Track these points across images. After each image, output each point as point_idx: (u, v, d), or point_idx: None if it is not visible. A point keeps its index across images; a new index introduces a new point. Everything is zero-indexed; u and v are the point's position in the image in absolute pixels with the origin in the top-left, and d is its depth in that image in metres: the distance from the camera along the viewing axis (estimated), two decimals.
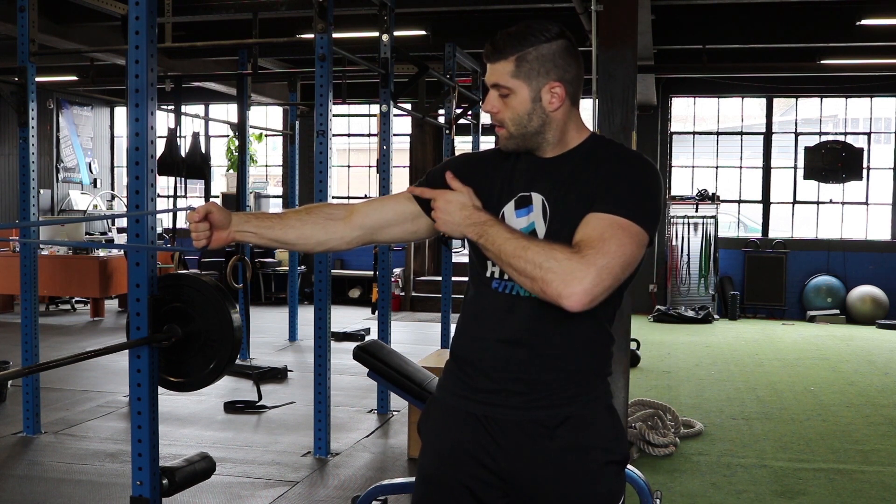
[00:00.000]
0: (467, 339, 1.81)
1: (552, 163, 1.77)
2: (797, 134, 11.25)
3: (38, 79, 4.87)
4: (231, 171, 11.80)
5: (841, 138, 10.99)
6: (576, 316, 1.60)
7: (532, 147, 1.76)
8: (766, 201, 11.39)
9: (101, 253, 9.87)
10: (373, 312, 9.75)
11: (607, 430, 1.75)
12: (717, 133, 11.50)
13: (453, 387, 1.82)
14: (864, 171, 10.79)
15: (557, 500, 1.72)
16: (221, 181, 12.50)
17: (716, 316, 10.65)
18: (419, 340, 8.48)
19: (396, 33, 5.53)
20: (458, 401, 1.79)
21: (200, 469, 3.20)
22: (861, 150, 10.70)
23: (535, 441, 1.72)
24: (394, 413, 5.53)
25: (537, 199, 1.74)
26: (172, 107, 6.62)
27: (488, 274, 1.77)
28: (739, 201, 11.57)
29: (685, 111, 11.73)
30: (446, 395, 1.83)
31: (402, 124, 11.72)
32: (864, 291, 10.52)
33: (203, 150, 6.95)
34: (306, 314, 7.74)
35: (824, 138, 10.99)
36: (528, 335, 1.72)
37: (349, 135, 12.61)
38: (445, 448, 1.80)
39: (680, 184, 11.56)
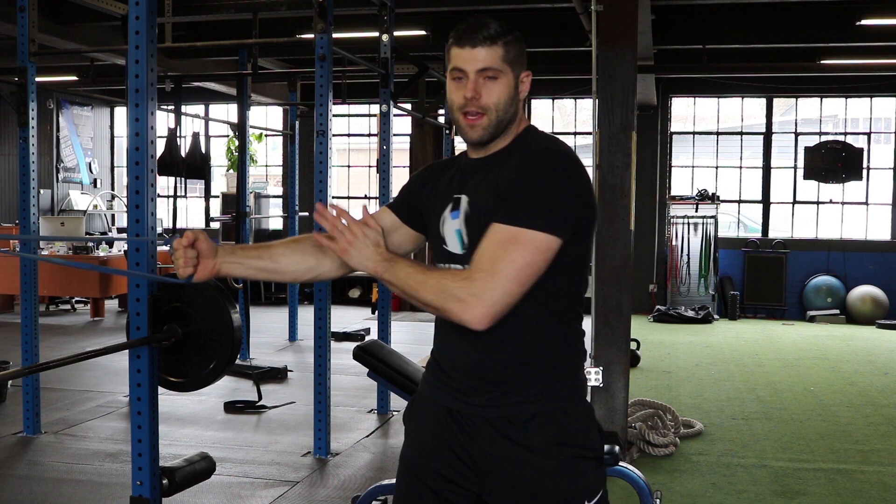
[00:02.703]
0: (438, 336, 1.86)
1: (486, 162, 1.79)
2: (797, 134, 11.25)
3: (38, 79, 4.87)
4: (231, 171, 11.80)
5: (841, 138, 10.99)
6: (523, 310, 1.65)
7: (496, 138, 1.76)
8: (766, 201, 11.38)
9: (101, 252, 9.87)
10: (373, 312, 9.76)
11: (577, 426, 1.74)
12: (717, 133, 11.49)
13: (431, 379, 1.85)
14: (864, 171, 10.78)
15: (527, 496, 1.72)
16: (221, 181, 12.50)
17: (716, 316, 10.65)
18: (419, 340, 8.48)
19: (396, 33, 5.53)
20: (435, 393, 1.83)
21: (200, 469, 3.20)
22: (861, 150, 10.70)
23: (504, 437, 1.72)
24: (394, 413, 5.53)
25: (464, 200, 1.77)
26: (172, 107, 6.62)
27: None
28: (739, 201, 11.57)
29: (685, 111, 11.73)
30: (425, 388, 1.88)
31: (402, 124, 11.72)
32: (864, 291, 10.52)
33: (203, 150, 6.95)
34: (306, 314, 7.74)
35: (824, 138, 10.99)
36: (478, 333, 1.67)
37: (349, 135, 12.61)
38: (424, 438, 1.83)
39: (680, 184, 11.56)
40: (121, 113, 13.16)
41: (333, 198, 4.87)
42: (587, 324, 2.66)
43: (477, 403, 1.74)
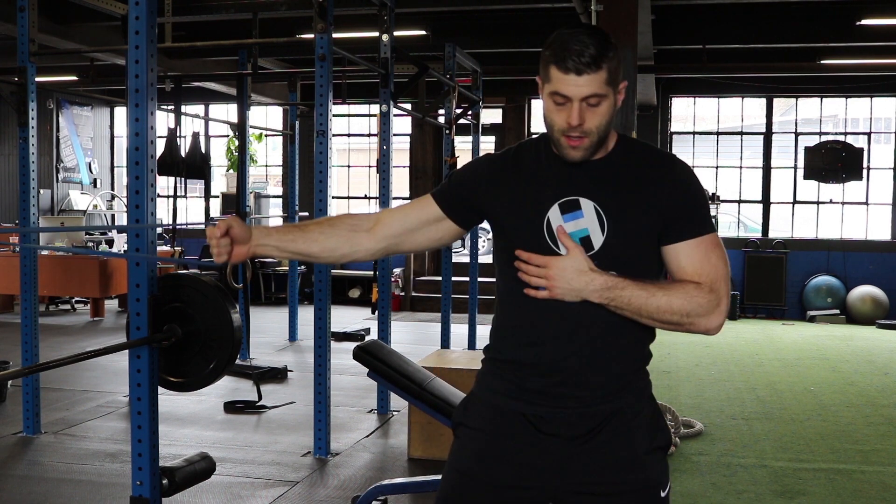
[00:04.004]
0: (515, 342, 1.81)
1: (594, 166, 1.77)
2: (797, 134, 11.25)
3: (38, 79, 4.87)
4: (231, 171, 11.80)
5: (841, 138, 10.99)
6: (628, 318, 1.72)
7: (595, 153, 1.76)
8: (766, 201, 11.39)
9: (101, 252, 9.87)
10: (373, 312, 9.74)
11: (651, 419, 1.81)
12: (717, 133, 11.50)
13: (499, 387, 1.83)
14: (864, 171, 10.78)
15: (608, 488, 1.75)
16: (221, 181, 12.50)
17: None
18: (419, 340, 8.48)
19: (396, 33, 5.53)
20: (506, 401, 1.81)
21: (200, 469, 3.21)
22: (861, 150, 10.69)
23: (584, 435, 1.76)
24: (394, 413, 5.53)
25: (587, 204, 1.75)
26: (172, 107, 6.62)
27: None
28: (739, 201, 11.57)
29: (685, 111, 11.73)
30: (490, 395, 1.84)
31: (402, 124, 11.72)
32: (864, 291, 10.51)
33: (203, 150, 6.95)
34: (306, 314, 7.74)
35: (824, 138, 10.99)
36: (583, 339, 1.75)
37: (349, 135, 12.61)
38: (489, 446, 1.81)
39: None
40: (121, 113, 13.16)
41: (333, 198, 4.87)
42: None
43: (560, 406, 1.76)
